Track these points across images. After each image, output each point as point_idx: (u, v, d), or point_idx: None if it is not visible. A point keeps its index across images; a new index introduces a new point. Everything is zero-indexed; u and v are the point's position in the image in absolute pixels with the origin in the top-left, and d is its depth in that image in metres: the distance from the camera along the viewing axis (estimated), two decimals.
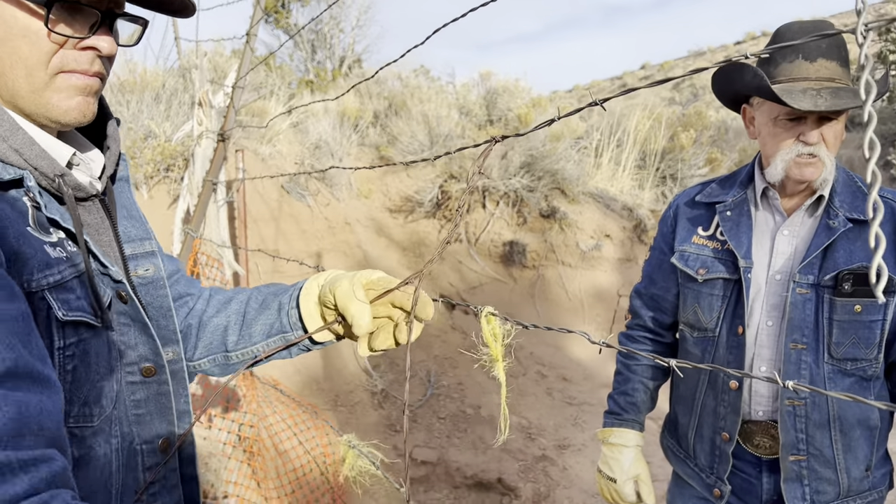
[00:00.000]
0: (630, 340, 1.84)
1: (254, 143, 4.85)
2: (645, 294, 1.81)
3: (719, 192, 1.66)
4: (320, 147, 5.28)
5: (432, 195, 5.95)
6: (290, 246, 4.43)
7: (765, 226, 1.58)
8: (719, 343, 1.61)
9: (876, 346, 1.49)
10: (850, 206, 1.50)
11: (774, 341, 1.54)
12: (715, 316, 1.61)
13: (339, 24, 18.66)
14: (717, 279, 1.60)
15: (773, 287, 1.54)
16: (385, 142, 7.01)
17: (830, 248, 1.48)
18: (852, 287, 1.45)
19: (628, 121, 6.48)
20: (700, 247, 1.65)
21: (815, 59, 1.42)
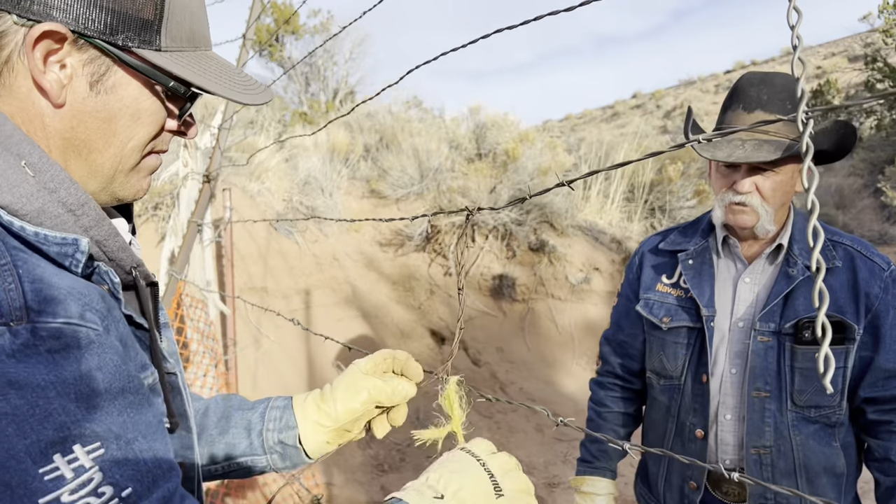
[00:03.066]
0: (600, 387, 1.84)
1: (242, 179, 4.87)
2: (613, 340, 1.82)
3: (681, 240, 1.68)
4: (309, 182, 5.30)
5: (422, 229, 5.97)
6: (278, 283, 4.43)
7: (727, 273, 1.60)
8: (685, 391, 1.61)
9: (838, 393, 1.49)
10: (808, 253, 1.51)
11: (739, 389, 1.54)
12: (680, 364, 1.62)
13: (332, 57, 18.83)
14: (682, 327, 1.61)
15: (736, 335, 1.55)
16: (376, 175, 7.04)
17: (791, 296, 1.49)
18: (812, 335, 1.46)
19: (616, 153, 6.53)
20: (664, 294, 1.66)
21: (753, 109, 1.46)
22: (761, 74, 1.50)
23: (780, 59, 44.58)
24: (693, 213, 6.51)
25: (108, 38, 0.65)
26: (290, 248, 4.61)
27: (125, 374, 0.61)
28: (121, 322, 0.66)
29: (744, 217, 1.48)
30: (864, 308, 1.48)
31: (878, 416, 1.51)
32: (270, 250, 4.51)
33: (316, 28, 19.15)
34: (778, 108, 1.44)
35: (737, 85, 1.52)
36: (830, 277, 1.50)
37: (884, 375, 1.49)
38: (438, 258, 6.04)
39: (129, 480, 0.56)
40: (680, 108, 38.64)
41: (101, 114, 0.68)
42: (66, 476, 0.53)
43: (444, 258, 6.00)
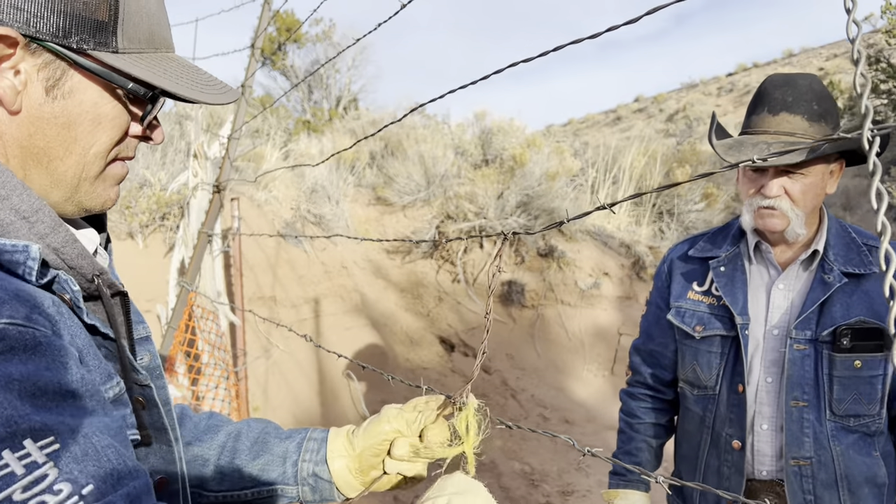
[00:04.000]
0: (631, 398, 1.80)
1: (249, 188, 4.85)
2: (643, 350, 1.78)
3: (711, 247, 1.64)
4: (316, 191, 5.28)
5: (429, 235, 5.94)
6: (287, 292, 4.41)
7: (759, 280, 1.56)
8: (720, 401, 1.58)
9: (878, 401, 1.46)
10: (844, 259, 1.49)
11: (775, 398, 1.51)
12: (714, 374, 1.58)
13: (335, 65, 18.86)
14: (715, 336, 1.58)
15: (771, 343, 1.52)
16: (382, 182, 7.03)
17: (827, 303, 1.46)
18: (851, 342, 1.43)
19: (623, 157, 6.51)
20: (696, 303, 1.62)
21: (778, 112, 1.44)
22: (784, 76, 1.48)
23: (782, 62, 44.51)
24: (701, 217, 6.47)
25: (61, 41, 0.63)
26: (298, 256, 4.59)
27: (80, 378, 0.58)
28: (80, 330, 0.64)
29: (773, 221, 1.46)
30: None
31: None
32: (279, 259, 4.49)
33: (318, 36, 19.20)
34: (803, 109, 1.42)
35: (761, 88, 1.49)
36: (867, 283, 1.47)
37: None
38: (446, 265, 6.01)
39: (89, 477, 0.53)
40: (682, 112, 38.61)
41: (60, 120, 0.65)
42: (17, 472, 0.49)
43: (452, 265, 5.97)
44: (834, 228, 1.53)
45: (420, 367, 4.85)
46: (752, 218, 1.49)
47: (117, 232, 4.24)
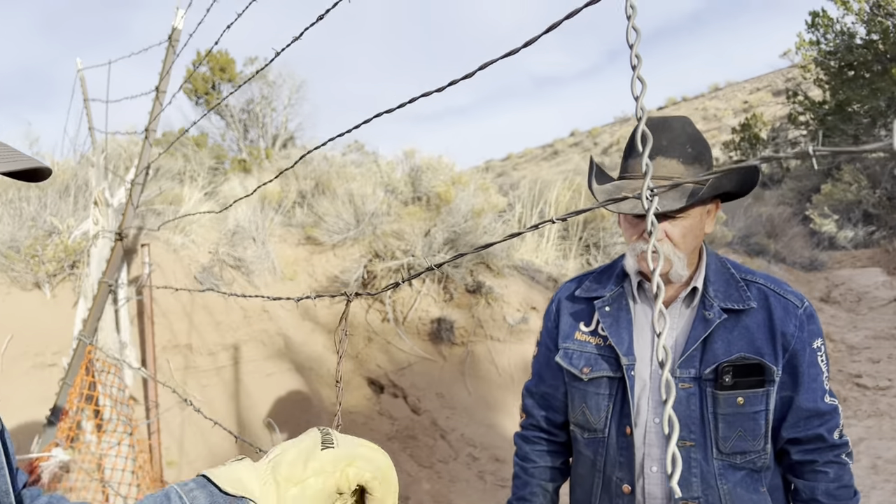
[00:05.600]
0: (525, 441, 1.77)
1: (166, 232, 4.72)
2: (535, 392, 1.76)
3: (597, 287, 1.64)
4: (238, 232, 5.17)
5: (357, 275, 5.88)
6: (204, 339, 4.27)
7: (644, 319, 1.56)
8: (609, 444, 1.56)
9: (762, 437, 1.47)
10: (724, 295, 1.50)
11: (663, 440, 1.49)
12: (603, 416, 1.56)
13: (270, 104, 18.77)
14: (602, 377, 1.56)
15: (657, 383, 1.51)
16: (311, 222, 6.94)
17: (709, 340, 1.47)
18: (733, 379, 1.44)
19: (550, 191, 6.59)
20: (583, 343, 1.61)
21: (654, 156, 1.44)
22: (658, 119, 1.48)
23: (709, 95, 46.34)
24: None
25: None
26: (216, 302, 4.46)
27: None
28: None
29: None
30: (782, 348, 1.47)
31: (802, 456, 1.50)
32: (195, 306, 4.36)
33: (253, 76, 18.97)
34: (678, 152, 1.43)
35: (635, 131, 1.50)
36: (746, 318, 1.48)
37: (805, 415, 1.48)
38: (376, 304, 5.94)
39: None
40: (616, 145, 39.73)
41: None
42: None
43: (382, 304, 5.91)
44: (713, 265, 1.55)
45: (347, 410, 4.75)
46: (635, 262, 1.50)
47: (22, 282, 4.05)
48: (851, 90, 17.51)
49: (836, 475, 1.47)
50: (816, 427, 1.47)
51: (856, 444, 5.21)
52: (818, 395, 1.48)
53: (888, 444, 5.16)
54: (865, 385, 6.56)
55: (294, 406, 4.46)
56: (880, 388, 6.49)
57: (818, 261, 12.95)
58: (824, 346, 1.52)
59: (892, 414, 5.85)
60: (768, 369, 1.44)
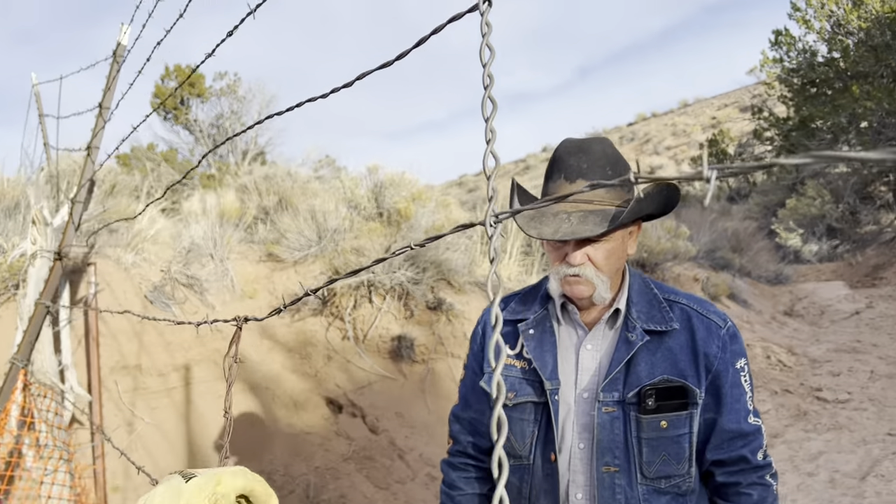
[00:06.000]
0: (451, 468, 1.73)
1: (117, 250, 4.61)
2: (462, 418, 1.72)
3: (522, 308, 1.61)
4: (193, 250, 5.08)
5: (318, 292, 5.81)
6: (154, 360, 4.17)
7: (569, 341, 1.54)
8: (534, 471, 1.52)
9: (686, 460, 1.45)
10: (647, 316, 1.48)
11: (588, 465, 1.46)
12: (528, 442, 1.53)
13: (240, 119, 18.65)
14: (527, 402, 1.53)
15: (582, 406, 1.48)
16: (272, 238, 6.86)
17: (633, 363, 1.45)
18: (656, 402, 1.42)
19: None
20: (508, 367, 1.57)
21: (575, 180, 1.42)
22: (578, 142, 1.46)
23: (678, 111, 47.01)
24: None
25: None
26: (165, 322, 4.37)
27: None
28: None
29: (580, 288, 1.44)
30: (705, 369, 1.45)
31: (727, 478, 1.48)
32: (145, 325, 4.25)
33: (222, 90, 18.95)
34: (598, 175, 1.42)
35: (555, 154, 1.48)
36: (669, 340, 1.46)
37: (728, 437, 1.46)
38: (336, 321, 5.87)
39: None
40: None
41: None
42: None
43: (342, 321, 5.84)
44: (636, 286, 1.54)
45: (303, 431, 4.67)
46: (559, 285, 1.48)
47: None
48: (814, 107, 17.86)
49: (759, 497, 1.46)
50: (740, 448, 1.46)
51: (815, 458, 5.24)
52: (741, 416, 1.46)
53: (846, 458, 5.20)
54: (825, 398, 6.61)
55: (248, 427, 4.37)
56: (840, 401, 6.56)
57: (783, 274, 13.12)
58: (748, 365, 1.51)
59: (851, 427, 5.90)
60: (691, 391, 1.43)
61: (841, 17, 17.31)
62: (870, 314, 10.23)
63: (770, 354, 7.89)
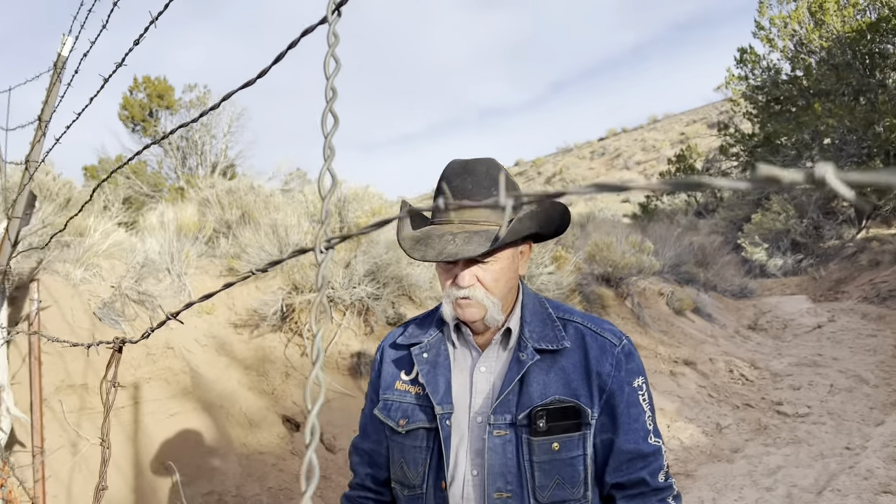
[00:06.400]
0: (350, 502, 1.66)
1: (66, 266, 4.50)
2: (361, 449, 1.66)
3: (418, 332, 1.57)
4: (147, 265, 4.98)
5: (276, 308, 5.72)
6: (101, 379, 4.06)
7: (464, 363, 1.50)
8: (427, 500, 1.47)
9: (581, 483, 1.41)
10: (539, 335, 1.45)
11: (481, 493, 1.41)
12: (421, 470, 1.47)
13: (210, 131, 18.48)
14: (419, 429, 1.48)
15: (475, 431, 1.43)
16: (233, 253, 6.77)
17: (525, 383, 1.41)
18: (547, 424, 1.38)
19: None
20: (403, 393, 1.53)
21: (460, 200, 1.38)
22: (463, 163, 1.43)
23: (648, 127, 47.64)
24: (552, 279, 6.59)
25: None
26: None
27: None
28: None
29: (471, 311, 1.41)
30: (598, 388, 1.41)
31: (627, 501, 1.44)
32: None
33: (192, 102, 18.79)
34: (483, 196, 1.38)
35: (442, 175, 1.45)
36: (563, 359, 1.43)
37: (626, 458, 1.42)
38: (295, 338, 5.79)
39: None
40: (559, 175, 40.43)
41: None
42: None
43: (301, 337, 5.76)
44: (530, 305, 1.51)
45: (257, 451, 4.57)
46: (451, 308, 1.45)
47: None
48: (778, 123, 18.18)
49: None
50: (639, 470, 1.42)
51: (773, 473, 5.26)
52: (639, 437, 1.43)
53: (804, 472, 5.23)
54: (786, 412, 6.67)
55: (198, 447, 4.27)
56: (800, 415, 6.61)
57: (748, 288, 13.28)
58: (647, 384, 1.48)
59: (810, 441, 5.94)
60: (583, 411, 1.40)
61: (803, 36, 17.70)
62: (831, 328, 10.37)
63: (733, 368, 7.94)
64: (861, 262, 15.11)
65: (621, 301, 8.64)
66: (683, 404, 6.67)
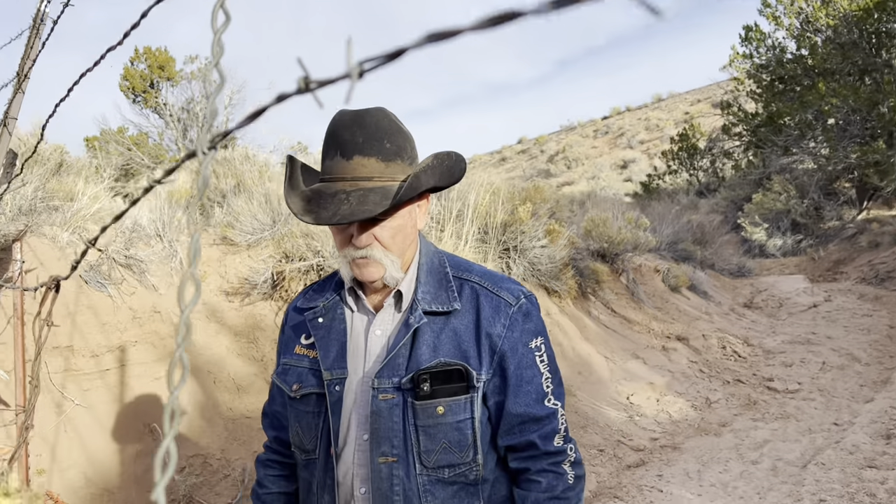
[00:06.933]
0: (261, 465, 1.67)
1: (54, 229, 4.49)
2: (269, 413, 1.66)
3: (316, 297, 1.54)
4: (136, 231, 4.97)
5: (266, 276, 5.72)
6: (87, 341, 4.06)
7: (361, 328, 1.47)
8: (319, 466, 1.45)
9: (470, 447, 1.38)
10: (432, 297, 1.42)
11: (368, 458, 1.39)
12: (313, 435, 1.45)
13: None
14: (311, 394, 1.45)
15: (366, 395, 1.40)
16: (226, 222, 6.76)
17: (415, 346, 1.37)
18: (431, 387, 1.34)
19: (469, 196, 6.54)
20: (300, 358, 1.50)
21: (352, 156, 1.32)
22: (352, 114, 1.35)
23: (652, 106, 47.31)
24: (545, 252, 6.57)
25: None
26: (102, 302, 4.26)
27: None
28: None
29: (369, 270, 1.37)
30: (489, 350, 1.38)
31: (518, 464, 1.42)
32: (80, 306, 4.15)
33: (193, 74, 18.69)
34: (376, 150, 1.32)
35: (330, 128, 1.37)
36: (455, 321, 1.39)
37: (517, 421, 1.39)
38: (286, 305, 5.79)
39: None
40: (562, 153, 40.23)
41: None
42: None
43: None
44: (427, 265, 1.46)
45: (243, 415, 4.59)
46: (349, 269, 1.41)
47: None
48: (782, 103, 18.03)
49: (548, 485, 1.39)
50: (530, 433, 1.39)
51: (760, 447, 5.27)
52: (531, 399, 1.39)
53: (791, 447, 5.24)
54: (776, 388, 6.67)
55: (184, 410, 4.28)
56: (790, 391, 6.62)
57: (746, 267, 13.25)
58: (546, 345, 1.44)
59: (799, 416, 5.95)
60: (471, 374, 1.36)
61: (810, 14, 17.48)
62: (827, 307, 10.36)
63: (726, 345, 7.94)
64: (860, 244, 15.07)
65: (616, 277, 8.63)
66: (674, 379, 6.67)
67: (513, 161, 45.97)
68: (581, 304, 7.49)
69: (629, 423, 5.76)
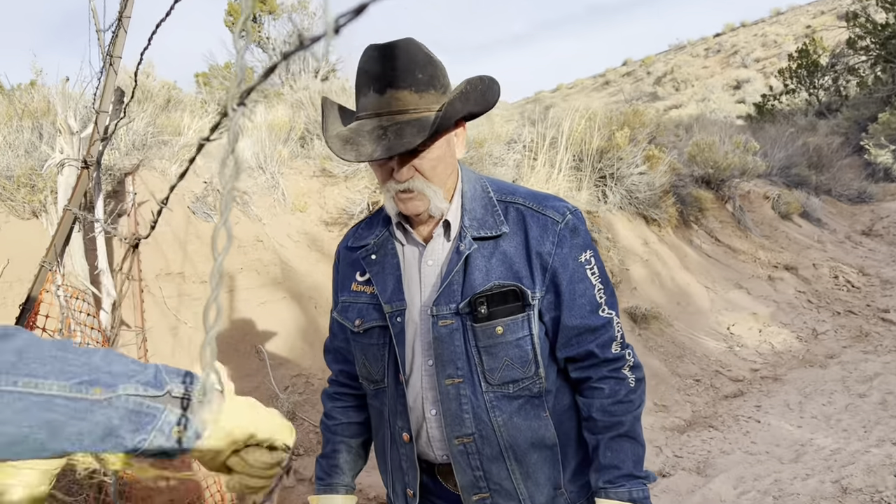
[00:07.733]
0: (328, 398, 1.73)
1: (164, 162, 4.75)
2: (331, 348, 1.71)
3: (366, 234, 1.56)
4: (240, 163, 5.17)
5: (362, 206, 5.86)
6: (196, 268, 4.33)
7: (413, 260, 1.49)
8: (389, 394, 1.51)
9: (532, 362, 1.41)
10: (479, 223, 1.43)
11: (435, 381, 1.44)
12: (381, 366, 1.51)
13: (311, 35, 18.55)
14: (374, 328, 1.50)
15: (426, 324, 1.44)
16: (327, 154, 6.92)
17: (467, 272, 1.40)
18: (488, 309, 1.38)
19: (564, 122, 6.39)
20: (357, 294, 1.54)
21: (384, 90, 1.31)
22: (380, 48, 1.34)
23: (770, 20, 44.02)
24: (643, 179, 6.37)
25: None
26: (208, 231, 4.51)
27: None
28: None
29: (414, 203, 1.39)
30: (540, 268, 1.40)
31: (579, 373, 1.47)
32: (189, 235, 4.41)
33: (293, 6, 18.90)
34: (409, 81, 1.31)
35: (359, 65, 1.36)
36: (504, 244, 1.41)
37: (574, 333, 1.43)
38: None
39: None
40: (670, 74, 38.32)
41: None
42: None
43: None
44: (471, 192, 1.47)
45: None
46: (393, 203, 1.43)
47: (20, 211, 4.15)
48: None
49: (611, 391, 1.43)
50: (588, 343, 1.42)
51: (869, 380, 5.05)
52: (586, 311, 1.42)
53: None
54: (891, 320, 6.32)
55: (287, 334, 4.53)
56: None
57: (867, 193, 12.40)
58: (595, 257, 1.45)
59: None
60: (525, 293, 1.38)
61: None
62: None
63: (838, 275, 7.54)
64: None
65: (721, 204, 8.29)
66: (779, 309, 6.43)
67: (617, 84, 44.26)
68: (682, 233, 7.27)
69: (728, 354, 5.63)
